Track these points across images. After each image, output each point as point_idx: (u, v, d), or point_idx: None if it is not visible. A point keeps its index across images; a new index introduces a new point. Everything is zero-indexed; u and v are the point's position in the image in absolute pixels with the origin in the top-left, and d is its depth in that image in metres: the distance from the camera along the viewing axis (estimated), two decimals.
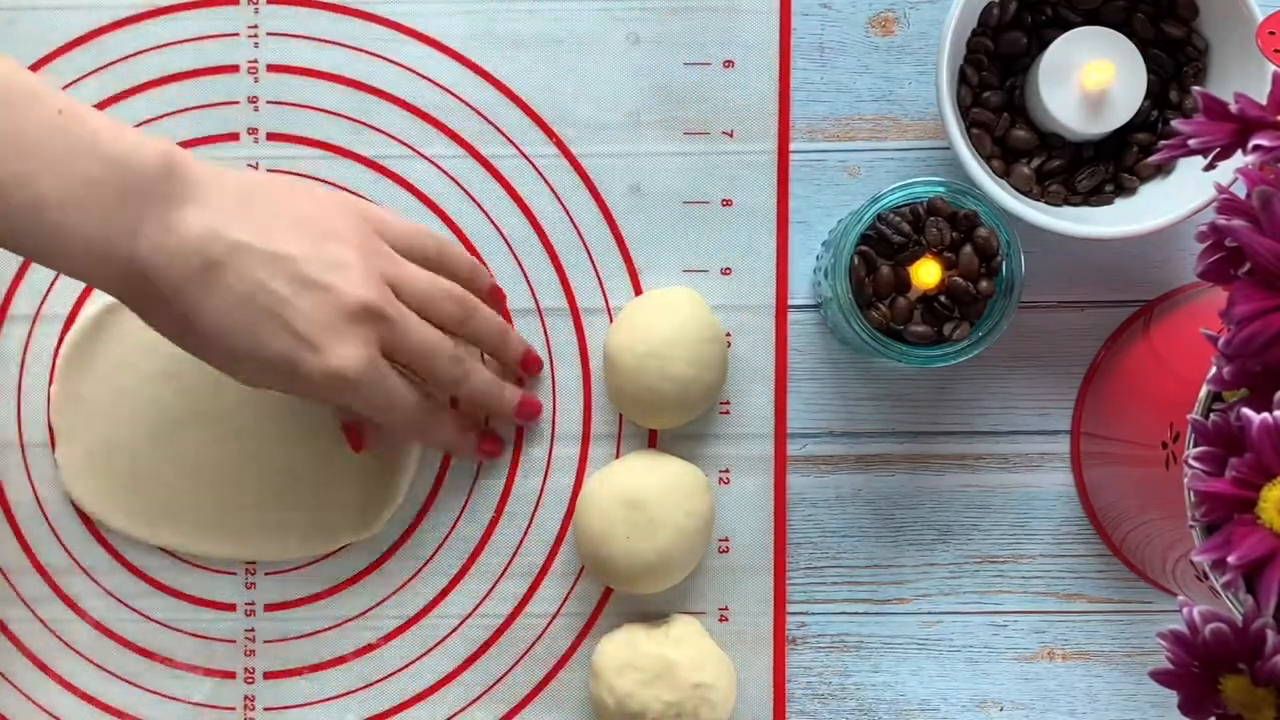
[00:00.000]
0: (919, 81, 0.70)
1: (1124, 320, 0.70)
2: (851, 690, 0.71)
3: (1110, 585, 0.71)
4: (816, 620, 0.71)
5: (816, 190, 0.70)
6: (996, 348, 0.65)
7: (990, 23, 0.66)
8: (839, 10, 0.70)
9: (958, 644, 0.71)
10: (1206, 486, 0.46)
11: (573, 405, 0.70)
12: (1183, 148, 0.49)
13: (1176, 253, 0.70)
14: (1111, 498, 0.67)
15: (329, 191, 0.66)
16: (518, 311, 0.70)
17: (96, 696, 0.70)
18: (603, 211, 0.70)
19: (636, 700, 0.66)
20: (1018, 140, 0.66)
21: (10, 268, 0.70)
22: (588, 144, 0.70)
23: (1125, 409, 0.65)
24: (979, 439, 0.71)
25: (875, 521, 0.71)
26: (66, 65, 0.70)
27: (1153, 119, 0.67)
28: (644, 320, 0.67)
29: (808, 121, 0.70)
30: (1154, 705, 0.71)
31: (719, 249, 0.70)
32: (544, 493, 0.70)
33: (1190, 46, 0.66)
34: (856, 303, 0.63)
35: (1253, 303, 0.46)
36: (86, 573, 0.70)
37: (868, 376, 0.71)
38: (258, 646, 0.70)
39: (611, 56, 0.70)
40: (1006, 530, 0.71)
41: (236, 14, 0.70)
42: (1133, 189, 0.67)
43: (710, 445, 0.70)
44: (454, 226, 0.70)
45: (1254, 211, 0.47)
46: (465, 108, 0.70)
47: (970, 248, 0.63)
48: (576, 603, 0.70)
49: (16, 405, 0.70)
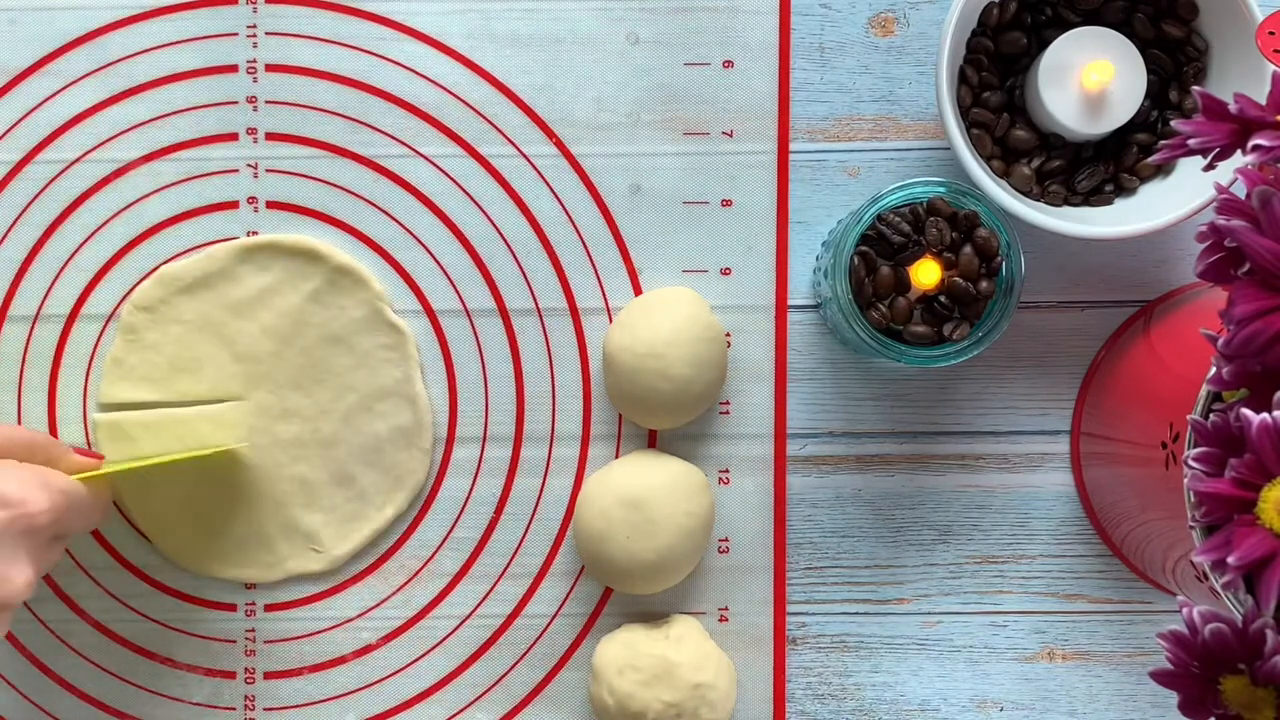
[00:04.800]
0: (919, 81, 0.70)
1: (1124, 320, 0.70)
2: (851, 690, 0.71)
3: (1110, 585, 0.71)
4: (816, 620, 0.71)
5: (816, 190, 0.70)
6: (996, 348, 0.65)
7: (990, 23, 0.66)
8: (839, 10, 0.70)
9: (958, 644, 0.71)
10: (1206, 487, 0.46)
11: (573, 405, 0.70)
12: (1183, 148, 0.49)
13: (1176, 253, 0.70)
14: (1111, 498, 0.67)
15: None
16: (518, 311, 0.70)
17: (96, 696, 0.70)
18: (603, 211, 0.70)
19: (636, 701, 0.66)
20: (1018, 140, 0.66)
21: (10, 268, 0.70)
22: (588, 144, 0.70)
23: (1125, 409, 0.65)
24: (979, 439, 0.71)
25: (875, 522, 0.71)
26: (66, 65, 0.70)
27: (1153, 119, 0.67)
28: (644, 320, 0.67)
29: (808, 121, 0.70)
30: (1154, 705, 0.71)
31: (719, 249, 0.70)
32: (544, 493, 0.70)
33: (1190, 46, 0.66)
34: (856, 303, 0.63)
35: (1252, 303, 0.46)
36: (86, 573, 0.70)
37: (868, 376, 0.71)
38: (258, 646, 0.70)
39: (611, 56, 0.70)
40: (1006, 530, 0.71)
41: (235, 14, 0.70)
42: (1133, 189, 0.67)
43: (710, 445, 0.70)
44: (454, 226, 0.70)
45: (1254, 211, 0.47)
46: (465, 107, 0.70)
47: (970, 248, 0.63)
48: (576, 603, 0.70)
49: (17, 405, 0.70)
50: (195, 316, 0.69)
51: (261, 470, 0.69)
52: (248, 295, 0.69)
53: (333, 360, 0.69)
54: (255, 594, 0.70)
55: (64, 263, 0.70)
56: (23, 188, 0.70)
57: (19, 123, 0.70)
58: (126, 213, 0.70)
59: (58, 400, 0.70)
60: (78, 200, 0.70)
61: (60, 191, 0.70)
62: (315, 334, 0.69)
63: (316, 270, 0.69)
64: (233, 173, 0.70)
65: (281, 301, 0.69)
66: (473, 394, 0.70)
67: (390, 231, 0.70)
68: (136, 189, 0.70)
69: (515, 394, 0.70)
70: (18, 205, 0.70)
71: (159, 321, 0.69)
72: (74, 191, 0.70)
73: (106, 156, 0.70)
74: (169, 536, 0.70)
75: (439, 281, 0.70)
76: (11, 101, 0.70)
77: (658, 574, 0.67)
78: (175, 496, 0.69)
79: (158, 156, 0.70)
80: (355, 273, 0.69)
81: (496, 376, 0.70)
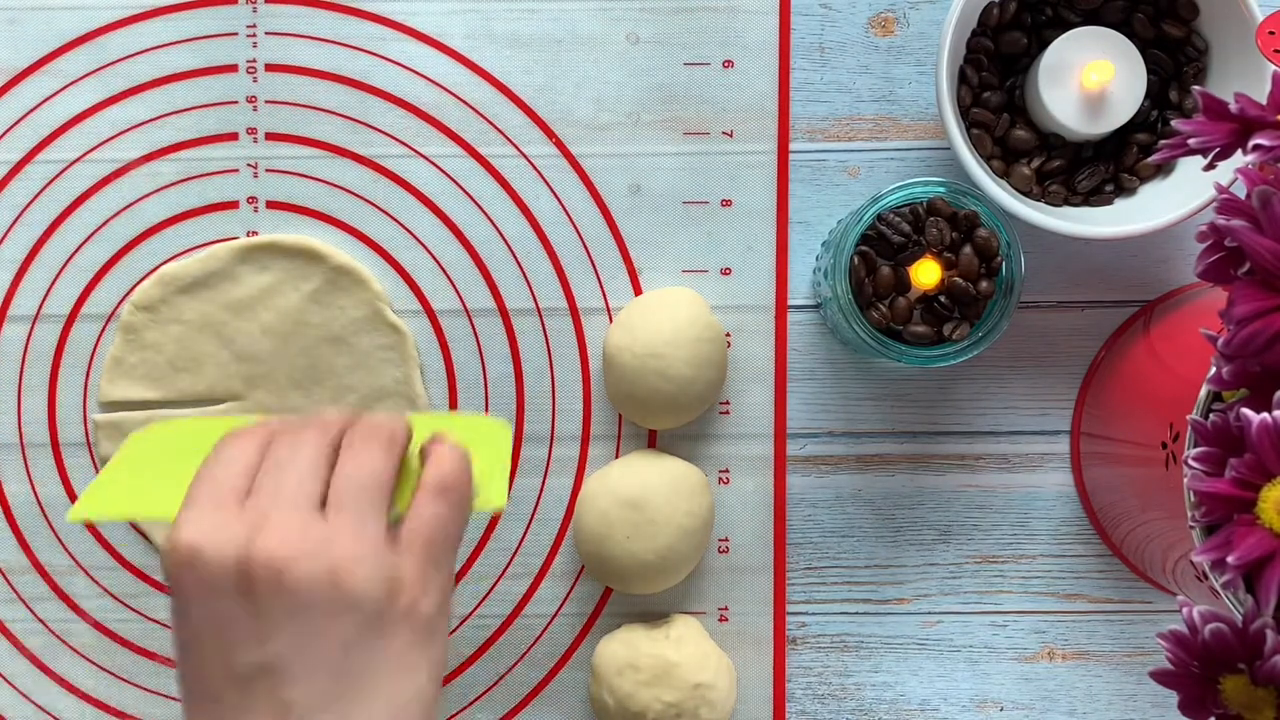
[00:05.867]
0: (919, 81, 0.70)
1: (1124, 320, 0.70)
2: (851, 690, 0.71)
3: (1110, 585, 0.71)
4: (816, 620, 0.71)
5: (816, 190, 0.70)
6: (996, 348, 0.65)
7: (990, 23, 0.66)
8: (839, 10, 0.70)
9: (958, 644, 0.71)
10: (1206, 487, 0.46)
11: (573, 405, 0.70)
12: (1183, 148, 0.49)
13: (1176, 253, 0.70)
14: (1111, 498, 0.67)
15: None
16: (518, 311, 0.70)
17: (96, 696, 0.70)
18: (603, 211, 0.70)
19: (636, 701, 0.66)
20: (1018, 140, 0.66)
21: (10, 268, 0.70)
22: (588, 144, 0.70)
23: (1125, 409, 0.65)
24: (979, 439, 0.71)
25: (875, 522, 0.71)
26: (66, 65, 0.70)
27: (1153, 119, 0.67)
28: (644, 320, 0.67)
29: (808, 121, 0.70)
30: (1154, 705, 0.71)
31: (719, 249, 0.70)
32: (543, 493, 0.70)
33: (1190, 46, 0.66)
34: (856, 303, 0.63)
35: (1252, 303, 0.46)
36: (86, 573, 0.70)
37: (868, 376, 0.71)
38: None
39: (611, 56, 0.70)
40: (1006, 530, 0.71)
41: (235, 14, 0.70)
42: (1133, 189, 0.67)
43: (710, 445, 0.70)
44: (454, 226, 0.70)
45: (1254, 211, 0.47)
46: (465, 107, 0.70)
47: (970, 248, 0.63)
48: (576, 603, 0.70)
49: (17, 405, 0.70)
50: (195, 316, 0.69)
51: None
52: (248, 295, 0.69)
53: (332, 360, 0.69)
54: None
55: (64, 263, 0.70)
56: (23, 188, 0.70)
57: (19, 123, 0.70)
58: (126, 213, 0.70)
59: (58, 400, 0.70)
60: (78, 200, 0.70)
61: (60, 191, 0.70)
62: (315, 334, 0.69)
63: (316, 270, 0.69)
64: (233, 173, 0.70)
65: (281, 301, 0.69)
66: (473, 394, 0.70)
67: (390, 231, 0.70)
68: (136, 189, 0.70)
69: (515, 394, 0.70)
70: (18, 205, 0.70)
71: (159, 321, 0.69)
72: (74, 191, 0.70)
73: (106, 156, 0.70)
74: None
75: (439, 281, 0.70)
76: (11, 101, 0.70)
77: (658, 574, 0.67)
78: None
79: (158, 156, 0.70)
80: (355, 273, 0.69)
81: (496, 376, 0.70)
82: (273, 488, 0.50)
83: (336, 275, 0.69)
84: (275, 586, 0.48)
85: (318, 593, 0.48)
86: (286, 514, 0.49)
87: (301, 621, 0.48)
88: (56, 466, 0.70)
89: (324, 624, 0.48)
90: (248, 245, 0.69)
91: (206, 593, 0.49)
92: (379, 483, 0.51)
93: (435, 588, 0.51)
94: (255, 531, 0.49)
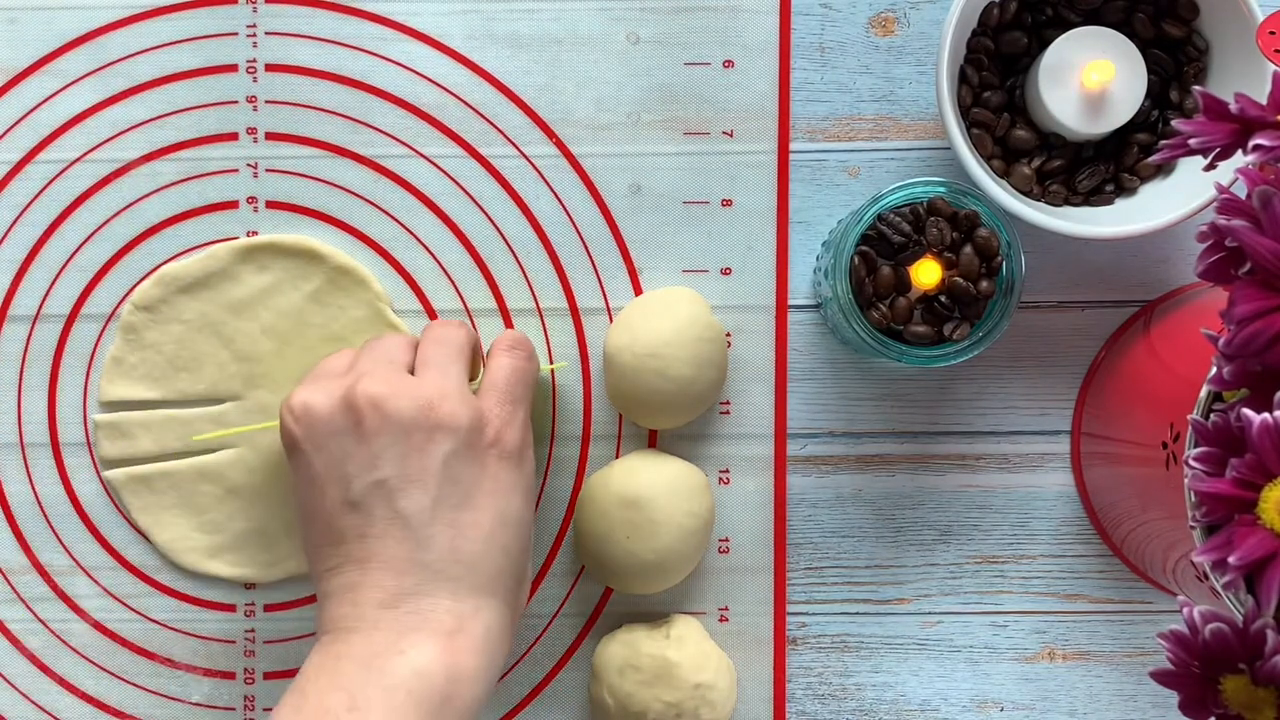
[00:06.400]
0: (919, 81, 0.70)
1: (1124, 320, 0.70)
2: (851, 690, 0.71)
3: (1111, 585, 0.71)
4: (816, 620, 0.71)
5: (816, 190, 0.70)
6: (996, 348, 0.65)
7: (990, 23, 0.66)
8: (839, 10, 0.70)
9: (958, 644, 0.71)
10: (1207, 487, 0.46)
11: (573, 405, 0.70)
12: (1183, 148, 0.49)
13: (1176, 253, 0.70)
14: (1112, 498, 0.67)
15: None
16: (518, 311, 0.70)
17: (96, 696, 0.70)
18: (603, 211, 0.70)
19: (637, 701, 0.66)
20: (1018, 140, 0.66)
21: (10, 268, 0.70)
22: (588, 144, 0.70)
23: (1125, 409, 0.65)
24: (979, 439, 0.71)
25: (875, 522, 0.71)
26: (66, 65, 0.70)
27: (1153, 119, 0.67)
28: (644, 320, 0.67)
29: (808, 121, 0.70)
30: (1154, 705, 0.71)
31: (719, 249, 0.70)
32: (543, 493, 0.70)
33: (1190, 46, 0.66)
34: (856, 303, 0.63)
35: (1253, 303, 0.46)
36: (86, 573, 0.70)
37: (868, 376, 0.71)
38: (258, 647, 0.70)
39: (611, 56, 0.70)
40: (1007, 530, 0.71)
41: (235, 13, 0.70)
42: (1133, 189, 0.67)
43: (710, 445, 0.70)
44: (454, 226, 0.70)
45: (1254, 211, 0.47)
46: (465, 107, 0.70)
47: (970, 248, 0.63)
48: (576, 603, 0.70)
49: (17, 405, 0.70)
50: (195, 316, 0.69)
51: (261, 470, 0.69)
52: (248, 295, 0.69)
53: None
54: (255, 594, 0.70)
55: (64, 263, 0.70)
56: (23, 188, 0.70)
57: (19, 123, 0.70)
58: (126, 213, 0.70)
59: (58, 400, 0.70)
60: (78, 200, 0.70)
61: (60, 191, 0.70)
62: (315, 334, 0.69)
63: (316, 270, 0.69)
64: (233, 173, 0.70)
65: (281, 301, 0.69)
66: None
67: (390, 231, 0.70)
68: (136, 189, 0.70)
69: None
70: (18, 205, 0.70)
71: (159, 321, 0.69)
72: (74, 191, 0.70)
73: (106, 156, 0.70)
74: (168, 536, 0.70)
75: (439, 281, 0.70)
76: (11, 101, 0.70)
77: (658, 574, 0.67)
78: (175, 496, 0.69)
79: (158, 156, 0.70)
80: (355, 273, 0.69)
81: None
82: (368, 361, 0.61)
83: (337, 275, 0.69)
84: (379, 416, 0.57)
85: (415, 419, 0.57)
86: (381, 369, 0.59)
87: (404, 444, 0.57)
88: (56, 466, 0.70)
89: (424, 443, 0.57)
90: (248, 245, 0.69)
91: (322, 436, 0.58)
92: (458, 346, 0.62)
93: (518, 422, 0.61)
94: (356, 381, 0.58)
